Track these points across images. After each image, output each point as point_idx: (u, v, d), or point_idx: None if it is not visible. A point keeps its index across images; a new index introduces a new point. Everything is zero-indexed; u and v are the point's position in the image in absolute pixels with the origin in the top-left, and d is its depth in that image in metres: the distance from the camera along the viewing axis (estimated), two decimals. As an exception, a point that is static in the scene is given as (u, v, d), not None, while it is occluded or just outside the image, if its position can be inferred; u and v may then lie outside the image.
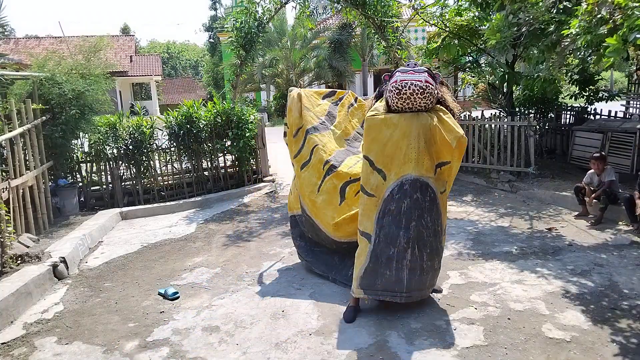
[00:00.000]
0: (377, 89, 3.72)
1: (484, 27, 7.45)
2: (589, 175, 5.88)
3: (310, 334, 3.37)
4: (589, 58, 5.67)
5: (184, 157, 8.06)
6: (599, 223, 5.49)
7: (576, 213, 5.91)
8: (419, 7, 8.13)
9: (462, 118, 8.46)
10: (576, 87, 8.83)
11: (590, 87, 8.83)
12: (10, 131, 5.57)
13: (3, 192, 5.09)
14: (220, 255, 5.15)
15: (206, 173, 8.24)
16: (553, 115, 9.36)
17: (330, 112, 4.48)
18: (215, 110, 7.89)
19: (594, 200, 5.64)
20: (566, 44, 4.69)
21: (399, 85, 3.21)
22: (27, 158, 6.08)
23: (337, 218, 4.01)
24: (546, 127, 9.28)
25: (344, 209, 4.02)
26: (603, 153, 6.02)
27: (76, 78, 6.81)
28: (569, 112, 9.52)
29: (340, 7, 9.27)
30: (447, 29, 7.86)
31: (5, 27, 6.59)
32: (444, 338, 3.22)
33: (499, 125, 7.94)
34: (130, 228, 6.49)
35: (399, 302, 3.51)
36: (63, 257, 4.77)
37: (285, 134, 4.45)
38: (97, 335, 3.51)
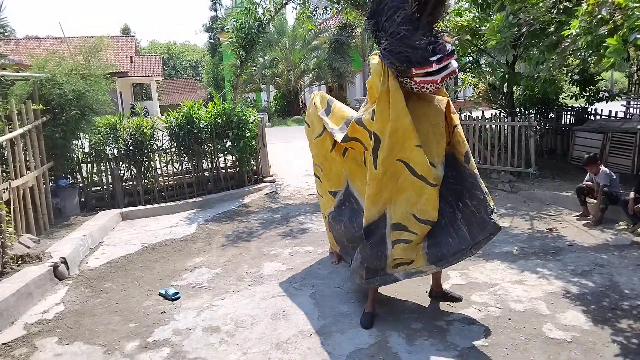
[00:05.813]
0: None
1: (484, 27, 7.46)
2: (590, 174, 5.89)
3: (310, 334, 3.37)
4: (590, 58, 5.67)
5: (185, 157, 8.06)
6: (599, 223, 5.49)
7: (577, 213, 5.91)
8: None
9: (463, 118, 8.47)
10: (576, 87, 8.83)
11: (591, 87, 8.84)
12: (10, 132, 5.58)
13: (4, 192, 5.10)
14: (220, 256, 5.15)
15: (206, 173, 8.24)
16: (553, 116, 9.36)
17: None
18: (215, 111, 7.89)
19: (594, 200, 5.63)
20: (566, 44, 4.71)
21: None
22: (27, 159, 6.08)
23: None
24: (547, 127, 9.28)
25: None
26: (591, 154, 5.94)
27: (77, 79, 6.80)
28: (569, 113, 9.53)
29: (340, 7, 9.27)
30: (447, 29, 7.86)
31: (5, 27, 6.58)
32: (444, 338, 3.22)
33: (500, 126, 7.93)
34: (130, 228, 6.50)
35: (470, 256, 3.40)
36: (64, 258, 4.77)
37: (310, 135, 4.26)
38: (97, 336, 3.51)
